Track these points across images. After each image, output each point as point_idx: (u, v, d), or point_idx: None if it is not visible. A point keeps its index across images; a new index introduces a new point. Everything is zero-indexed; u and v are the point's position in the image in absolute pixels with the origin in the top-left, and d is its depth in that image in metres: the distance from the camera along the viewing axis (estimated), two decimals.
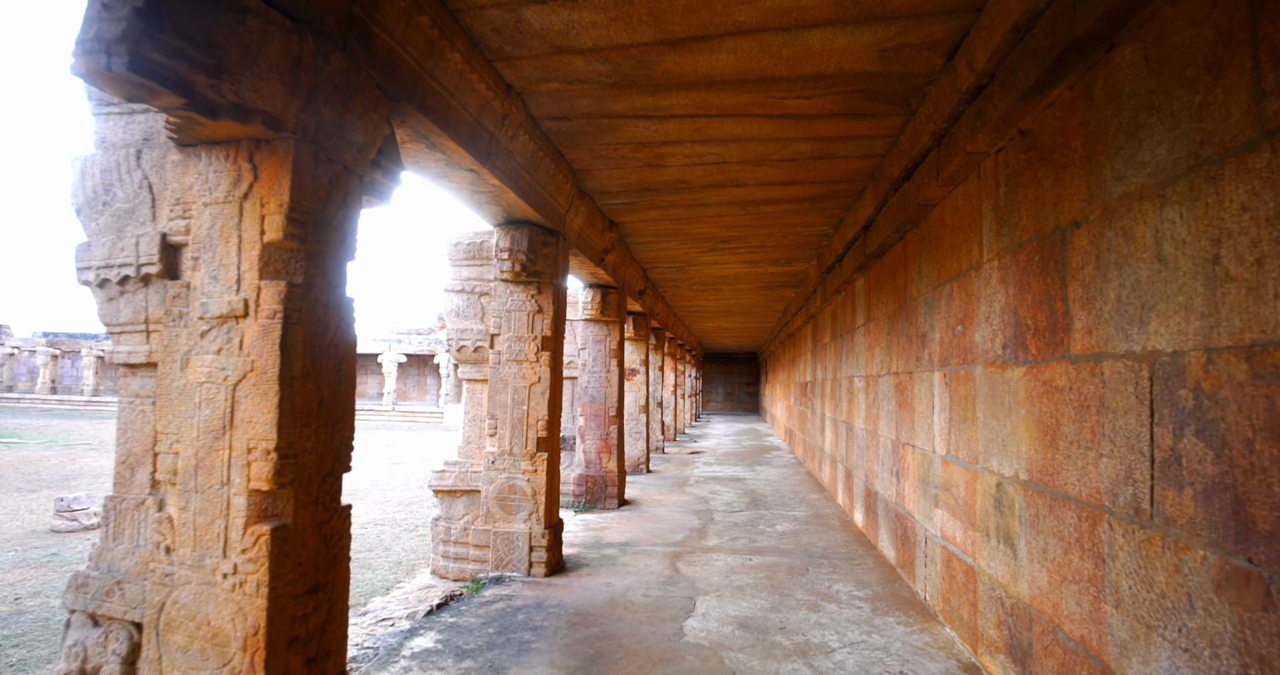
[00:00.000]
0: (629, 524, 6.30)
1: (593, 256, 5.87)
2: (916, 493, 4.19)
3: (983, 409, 3.09)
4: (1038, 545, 2.50)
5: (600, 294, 7.07)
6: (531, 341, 4.59)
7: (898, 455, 4.71)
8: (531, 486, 4.51)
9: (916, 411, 4.22)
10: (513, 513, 4.51)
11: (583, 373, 7.28)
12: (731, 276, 9.33)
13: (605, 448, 7.20)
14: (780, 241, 7.11)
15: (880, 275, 5.40)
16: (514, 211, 4.20)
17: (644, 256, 7.78)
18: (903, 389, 4.59)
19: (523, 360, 4.59)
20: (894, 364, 4.87)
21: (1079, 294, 2.24)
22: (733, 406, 32.21)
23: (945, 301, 3.68)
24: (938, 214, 3.85)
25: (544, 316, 4.61)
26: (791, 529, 6.09)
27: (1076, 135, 2.28)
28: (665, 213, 5.89)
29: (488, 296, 4.77)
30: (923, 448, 4.07)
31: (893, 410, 4.89)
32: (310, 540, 1.97)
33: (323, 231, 2.04)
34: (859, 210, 5.39)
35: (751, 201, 5.58)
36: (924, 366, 4.08)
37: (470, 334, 4.73)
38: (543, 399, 4.56)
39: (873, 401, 5.60)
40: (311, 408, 1.97)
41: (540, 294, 4.63)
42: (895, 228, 4.47)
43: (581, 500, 7.13)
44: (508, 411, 4.58)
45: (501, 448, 4.56)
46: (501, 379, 4.60)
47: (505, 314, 4.63)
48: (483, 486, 4.56)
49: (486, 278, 4.78)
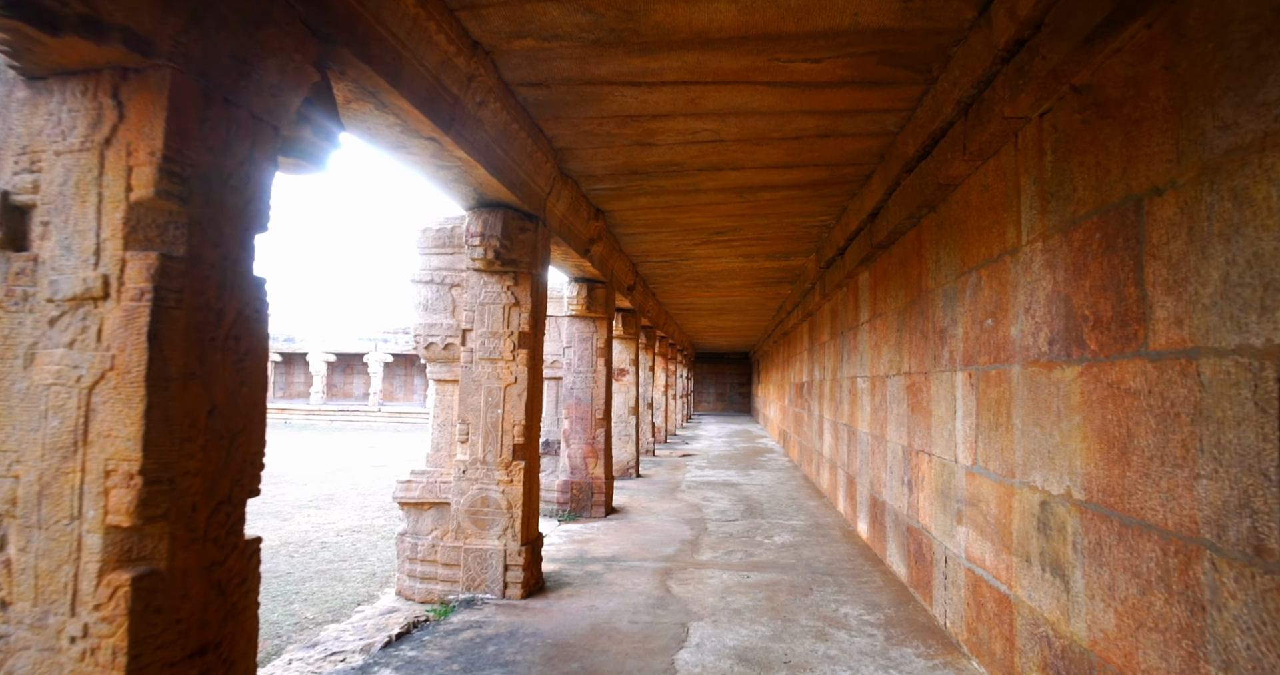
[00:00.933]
0: (616, 535, 5.87)
1: (577, 247, 5.43)
2: (934, 506, 3.78)
3: (1021, 414, 2.67)
4: (1101, 579, 2.09)
5: (586, 288, 6.63)
6: (507, 338, 4.15)
7: (910, 463, 4.30)
8: (507, 499, 4.07)
9: (934, 416, 3.80)
10: (486, 528, 4.07)
11: (567, 372, 6.84)
12: (725, 272, 8.92)
13: (591, 452, 6.76)
14: (778, 233, 6.69)
15: (889, 267, 5.00)
16: (486, 192, 3.75)
17: (633, 249, 7.35)
18: (916, 391, 4.18)
19: (497, 359, 4.15)
20: (905, 363, 4.45)
21: (1162, 276, 1.82)
22: (724, 407, 31.83)
23: (971, 292, 3.27)
24: (961, 194, 3.44)
25: (521, 310, 4.17)
26: (791, 540, 5.67)
27: (1157, 82, 1.87)
28: (656, 200, 5.46)
29: (459, 289, 4.32)
30: (942, 456, 3.65)
31: (903, 414, 4.47)
32: (195, 589, 1.52)
33: (216, 191, 1.60)
34: (865, 197, 4.98)
35: (749, 187, 5.16)
36: (943, 366, 3.67)
37: (439, 329, 4.28)
38: (519, 401, 4.12)
39: (879, 404, 5.19)
40: (197, 417, 1.53)
41: (517, 285, 4.18)
42: (908, 213, 4.06)
43: (566, 509, 6.69)
44: (480, 415, 4.13)
45: (473, 456, 4.12)
46: (473, 379, 4.16)
47: (478, 307, 4.18)
48: (453, 498, 4.11)
49: (458, 268, 4.33)
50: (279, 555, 8.11)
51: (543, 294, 4.44)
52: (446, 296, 4.31)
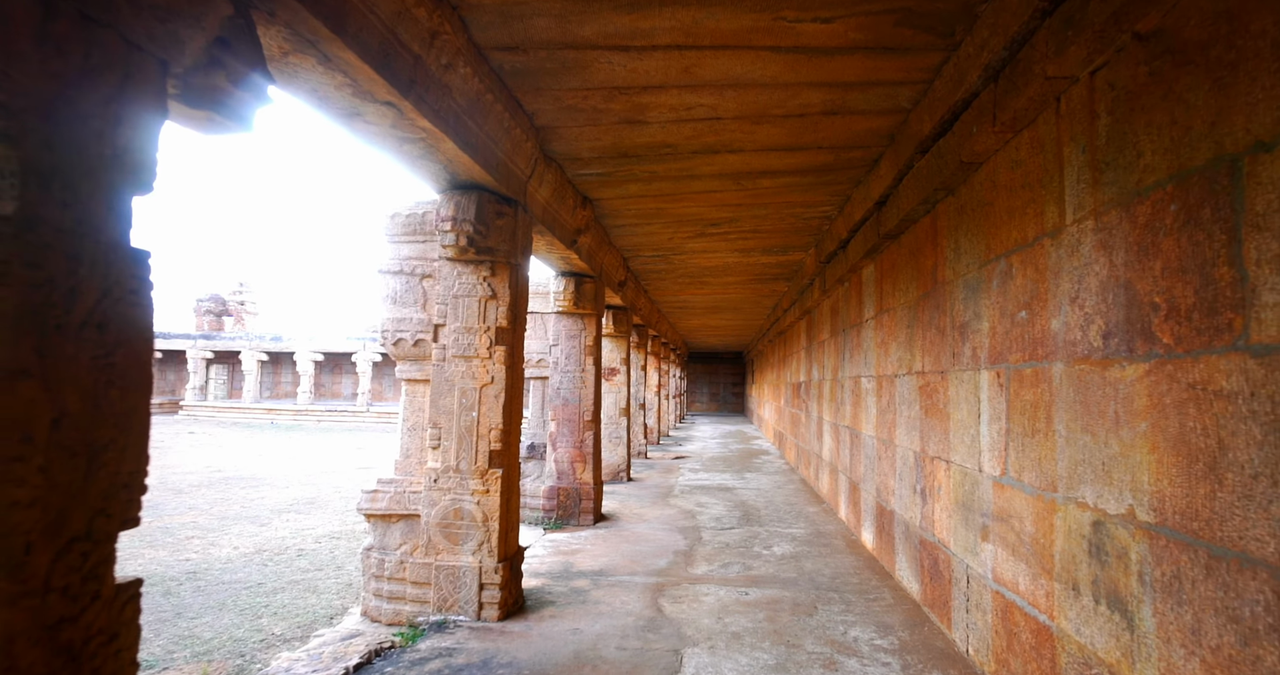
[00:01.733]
0: (605, 545, 5.50)
1: (563, 237, 5.06)
2: (953, 519, 3.43)
3: (1065, 420, 2.32)
4: (1180, 620, 1.73)
5: (574, 283, 6.26)
6: (483, 333, 3.77)
7: (923, 471, 3.95)
8: (482, 510, 3.70)
9: (953, 419, 3.45)
10: (459, 543, 3.69)
11: (554, 372, 6.47)
12: (721, 267, 8.56)
13: (579, 456, 6.40)
14: (776, 225, 6.34)
15: (898, 259, 4.65)
16: (459, 171, 3.37)
17: (624, 243, 6.98)
18: (931, 391, 3.83)
19: (472, 356, 3.77)
20: (918, 362, 4.11)
21: (1270, 251, 1.47)
22: (718, 407, 31.52)
23: (999, 282, 2.92)
24: (987, 172, 3.09)
25: (499, 303, 3.80)
26: (791, 551, 5.31)
27: (1260, 14, 1.51)
28: (647, 187, 5.09)
29: (431, 280, 3.94)
30: (963, 464, 3.30)
31: (915, 416, 4.12)
32: (27, 658, 1.14)
33: (66, 132, 1.22)
34: (872, 183, 4.64)
35: (747, 173, 4.80)
36: (964, 364, 3.32)
37: (409, 324, 3.90)
38: (496, 403, 3.75)
39: (886, 405, 4.84)
40: (32, 428, 1.15)
41: (494, 276, 3.81)
42: (922, 198, 3.71)
43: (552, 516, 6.32)
44: (453, 419, 3.76)
45: (446, 463, 3.74)
46: (446, 379, 3.78)
47: (451, 300, 3.81)
48: (423, 510, 3.73)
49: (430, 257, 3.95)
50: (252, 564, 7.70)
51: (523, 286, 4.07)
52: (417, 288, 3.93)
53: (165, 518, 9.89)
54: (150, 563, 7.34)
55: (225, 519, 9.75)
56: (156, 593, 6.09)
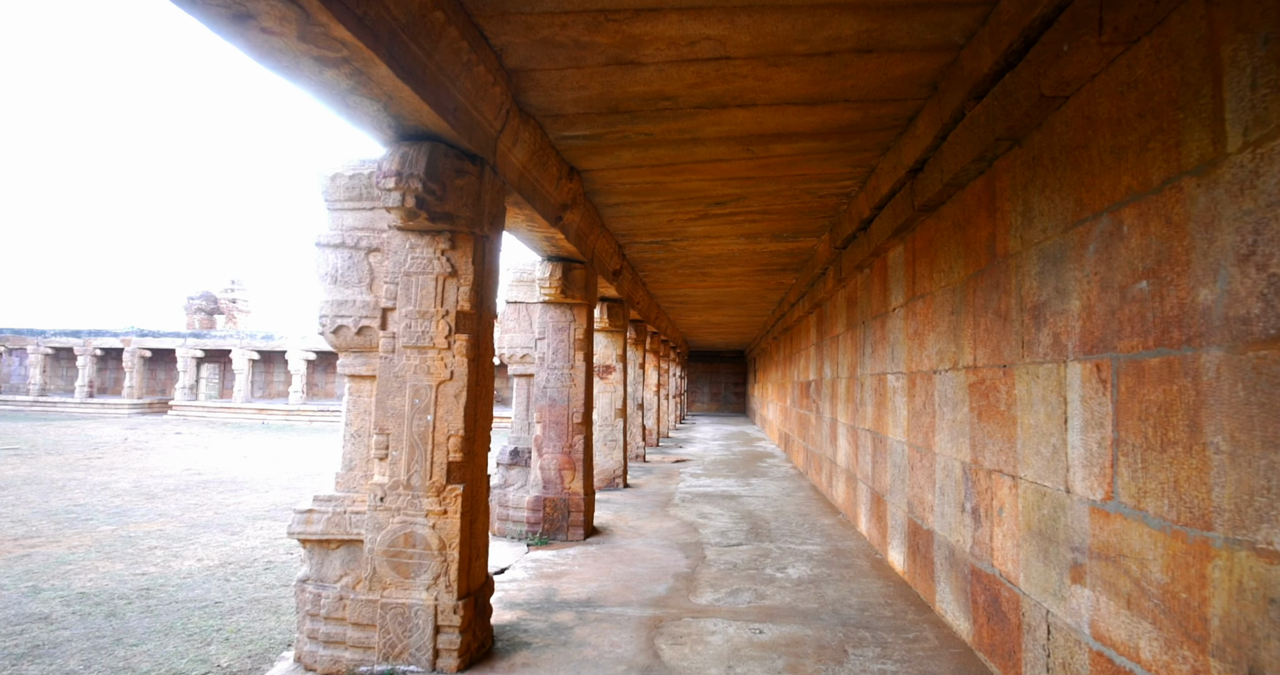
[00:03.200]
0: (595, 566, 4.82)
1: (546, 212, 4.38)
2: (1024, 549, 2.74)
3: (1228, 429, 1.64)
4: None
5: (561, 269, 5.57)
6: (440, 319, 3.09)
7: (974, 485, 3.27)
8: (439, 536, 3.01)
9: (1022, 424, 2.77)
10: (410, 575, 3.01)
11: (540, 369, 5.78)
12: (725, 256, 7.87)
13: (568, 463, 5.71)
14: (788, 205, 5.66)
15: (936, 235, 3.97)
16: (404, 113, 2.69)
17: (619, 225, 6.29)
18: (987, 390, 3.14)
19: (427, 347, 3.09)
20: (966, 354, 3.42)
21: None
22: (719, 407, 30.84)
23: (1099, 246, 2.23)
24: (1078, 107, 2.40)
25: (460, 282, 3.11)
26: (809, 574, 4.63)
27: None
28: (643, 154, 4.41)
29: (379, 255, 3.26)
30: (1038, 481, 2.62)
31: (963, 420, 3.44)
32: None
33: None
34: (905, 148, 3.96)
35: (760, 136, 4.11)
36: (1039, 355, 2.63)
37: (352, 308, 3.22)
38: (456, 404, 3.06)
39: (922, 407, 4.16)
40: None
41: (454, 249, 3.13)
42: (976, 154, 3.03)
43: (538, 530, 5.64)
44: (404, 423, 3.07)
45: (394, 477, 3.06)
46: (396, 375, 3.10)
47: (403, 278, 3.12)
48: (367, 535, 3.05)
49: (379, 228, 3.27)
50: (214, 579, 7.00)
51: (492, 263, 3.38)
52: (362, 265, 3.25)
53: (131, 525, 9.17)
54: (103, 578, 6.63)
55: (195, 526, 9.02)
56: (99, 614, 5.40)
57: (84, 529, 8.78)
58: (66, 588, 6.01)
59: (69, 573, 6.60)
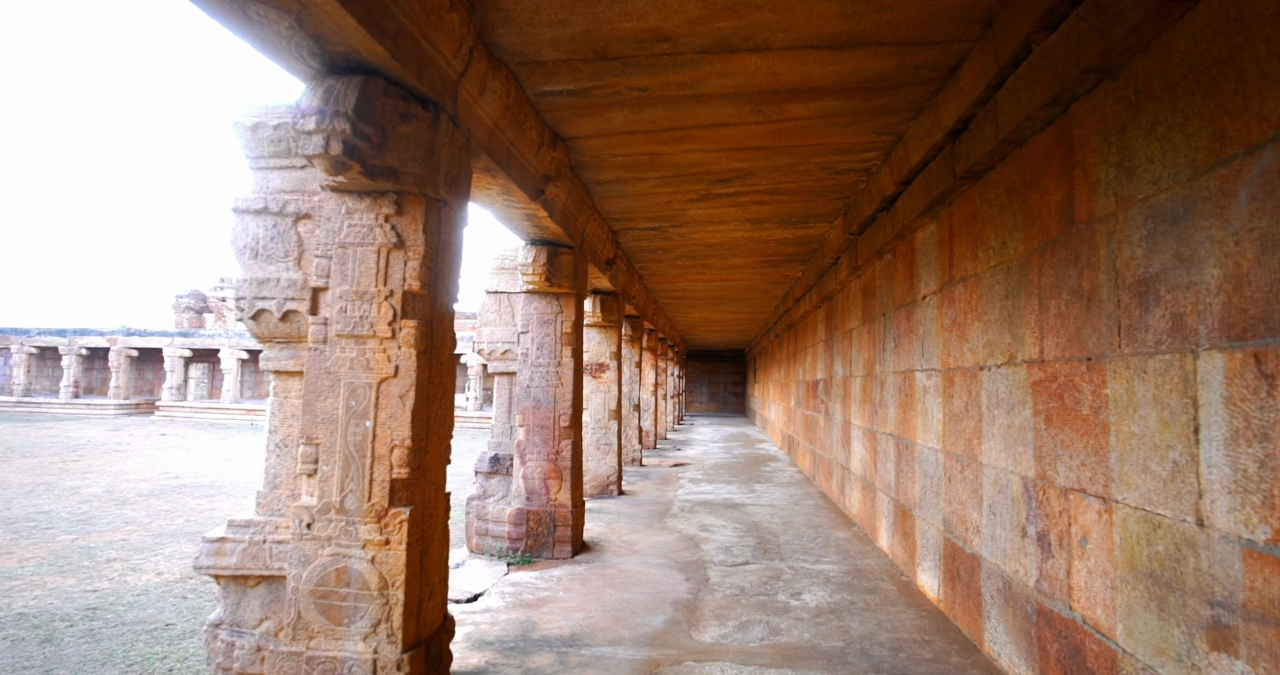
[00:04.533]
0: (583, 591, 4.21)
1: (525, 183, 3.77)
2: (1126, 595, 2.14)
3: None
4: None
5: (546, 253, 4.96)
6: (383, 301, 2.48)
7: (1041, 506, 2.67)
8: (379, 572, 2.40)
9: (1119, 432, 2.17)
10: (343, 621, 2.40)
11: (523, 366, 5.17)
12: (728, 245, 7.27)
13: (553, 471, 5.10)
14: (800, 182, 5.05)
15: (984, 205, 3.37)
16: (325, 34, 2.07)
17: (611, 208, 5.69)
18: (1062, 388, 2.54)
19: (366, 336, 2.48)
20: (1029, 346, 2.82)
21: None
22: (718, 407, 30.25)
23: (1260, 189, 1.63)
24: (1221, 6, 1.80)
25: (408, 256, 2.50)
26: (828, 600, 4.03)
27: None
28: (637, 116, 3.80)
29: (310, 222, 2.65)
30: (1148, 508, 2.02)
31: (1025, 425, 2.84)
32: None
33: None
34: (943, 106, 3.36)
35: (774, 92, 3.51)
36: (1146, 344, 2.03)
37: (275, 288, 2.61)
38: (402, 407, 2.45)
39: (963, 409, 3.56)
40: None
41: (401, 215, 2.52)
42: (1048, 97, 2.44)
43: (520, 547, 5.03)
44: (338, 431, 2.46)
45: (325, 498, 2.45)
46: (328, 370, 2.49)
47: (337, 251, 2.51)
48: (291, 570, 2.44)
49: (310, 190, 2.66)
50: (170, 596, 6.36)
51: (451, 235, 2.77)
52: (289, 235, 2.64)
53: (93, 535, 8.48)
54: (49, 595, 5.97)
55: (162, 536, 8.35)
56: (34, 639, 4.76)
57: (42, 539, 8.11)
58: (6, 608, 5.37)
59: (13, 590, 5.94)
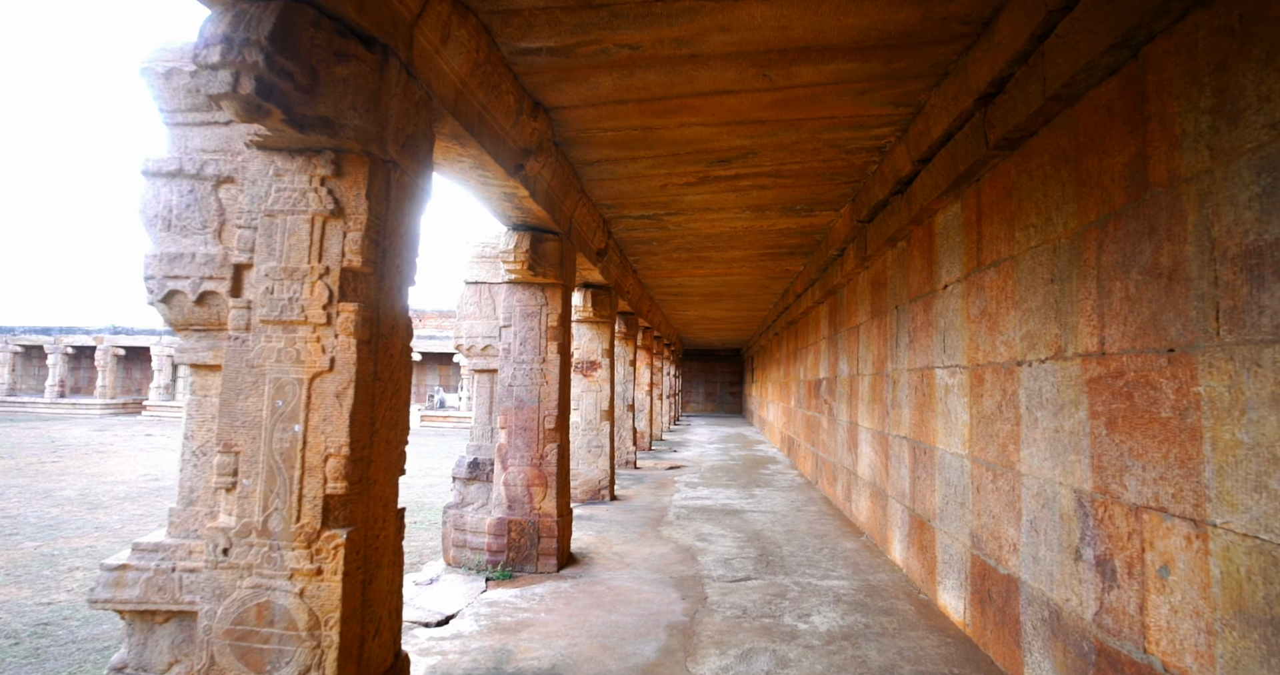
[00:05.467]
0: (567, 612, 3.78)
1: (502, 156, 3.34)
2: (1232, 644, 1.72)
3: None
4: None
5: (529, 239, 4.54)
6: (317, 281, 2.06)
7: (1105, 525, 2.26)
8: (309, 609, 1.98)
9: (1215, 440, 1.75)
10: (265, 667, 1.97)
11: (505, 362, 4.75)
12: (727, 236, 6.85)
13: (538, 478, 4.68)
14: (807, 163, 4.64)
15: (1023, 177, 2.96)
16: None
17: (601, 192, 5.27)
18: (1132, 385, 2.13)
19: (297, 322, 2.06)
20: (1085, 336, 2.41)
21: None
22: (715, 407, 29.84)
23: None
24: None
25: (349, 226, 2.08)
26: (840, 624, 3.61)
27: None
28: (628, 82, 3.38)
29: (233, 187, 2.22)
30: (1263, 536, 1.60)
31: (1078, 429, 2.43)
32: None
33: None
34: (973, 67, 2.96)
35: (783, 51, 3.10)
36: (1259, 330, 1.62)
37: (190, 265, 2.18)
38: (339, 408, 2.03)
39: (996, 409, 3.15)
40: None
41: (340, 177, 2.09)
42: (1115, 38, 2.03)
43: (500, 560, 4.60)
44: (261, 437, 2.04)
45: (245, 518, 2.02)
46: (250, 364, 2.06)
47: (263, 220, 2.09)
48: (203, 604, 2.02)
49: (235, 149, 2.23)
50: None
51: (404, 205, 2.34)
52: (209, 202, 2.22)
53: (60, 541, 7.99)
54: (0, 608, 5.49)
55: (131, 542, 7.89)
56: None
57: (4, 546, 7.65)
58: None
59: None
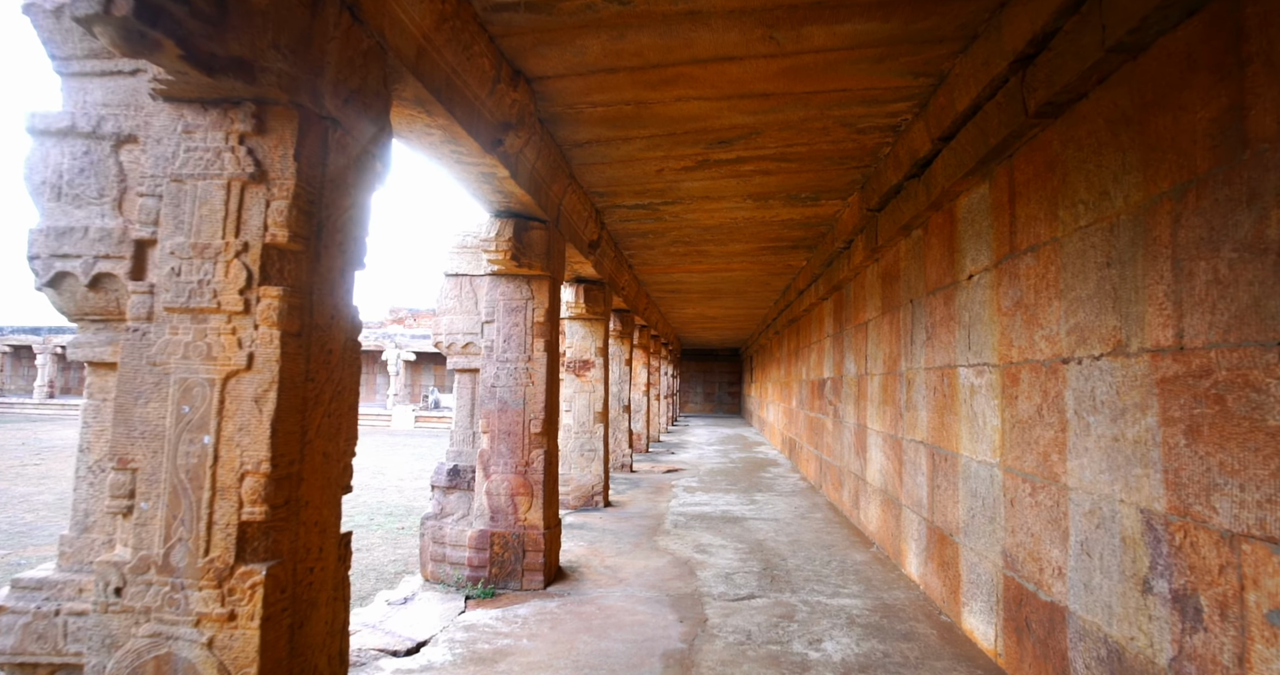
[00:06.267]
0: (552, 638, 3.41)
1: (477, 129, 2.97)
2: None
3: None
4: None
5: (513, 227, 4.16)
6: (232, 259, 1.68)
7: (1183, 555, 1.89)
8: (220, 662, 1.60)
9: None
10: None
11: (488, 361, 4.37)
12: (727, 227, 6.48)
13: (523, 486, 4.30)
14: (814, 144, 4.27)
15: (1068, 148, 2.59)
16: None
17: (593, 179, 4.90)
18: (1222, 389, 1.76)
19: (208, 310, 1.69)
20: (1156, 328, 2.05)
21: None
22: (713, 408, 29.47)
23: None
24: None
25: (272, 193, 1.71)
26: (855, 652, 3.24)
27: None
28: (618, 45, 3.01)
29: (138, 149, 1.85)
30: None
31: (1145, 437, 2.06)
32: None
33: None
34: (1009, 25, 2.60)
35: (795, 6, 2.73)
36: None
37: (82, 241, 1.80)
38: (258, 415, 1.66)
39: (1035, 414, 2.78)
40: None
41: (263, 134, 1.72)
42: None
43: (482, 576, 4.23)
44: (164, 450, 1.67)
45: (144, 550, 1.65)
46: (151, 361, 1.69)
47: (171, 187, 1.72)
48: (90, 656, 1.65)
49: (141, 104, 1.86)
50: None
51: (350, 169, 1.96)
52: (108, 165, 1.85)
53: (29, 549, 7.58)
54: None
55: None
56: None
57: None
58: None
59: None
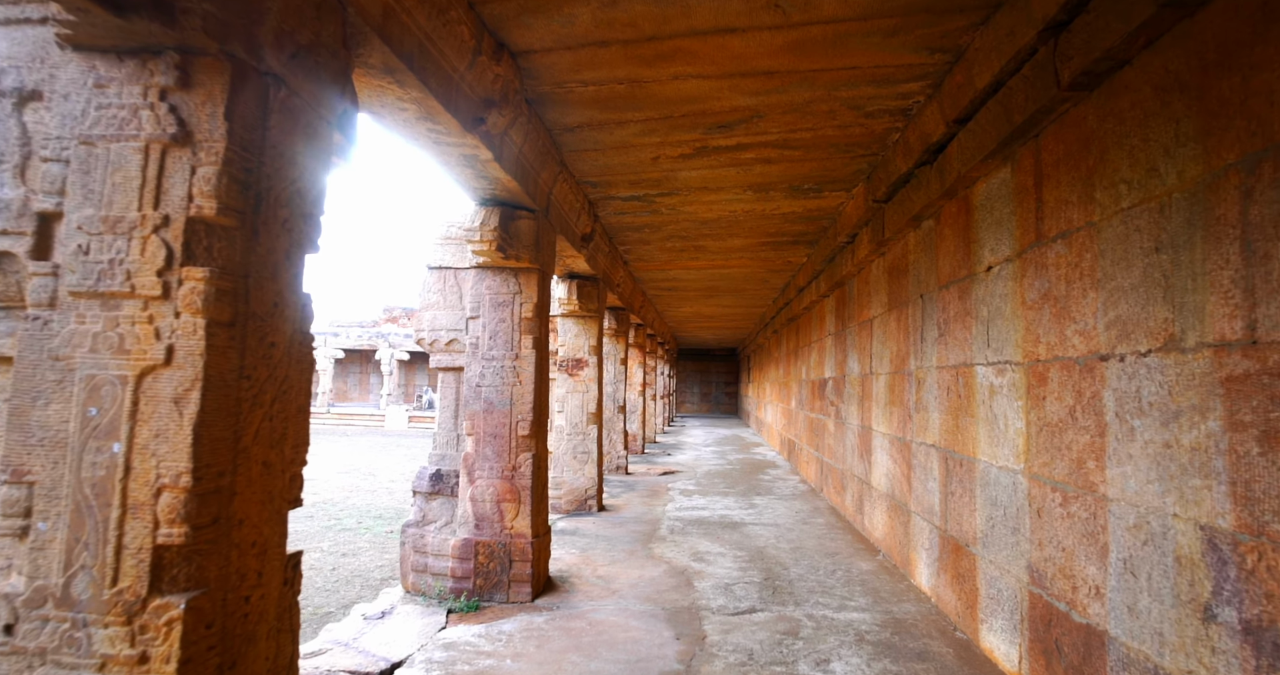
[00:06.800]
0: (539, 658, 3.15)
1: (455, 105, 2.71)
2: None
3: None
4: None
5: (499, 216, 3.91)
6: (150, 234, 1.43)
7: (1256, 579, 1.64)
8: None
9: None
10: None
11: (472, 359, 4.12)
12: (726, 221, 6.24)
13: (509, 492, 4.05)
14: (819, 129, 4.03)
15: (1104, 125, 2.34)
16: None
17: (585, 167, 4.64)
18: None
19: (120, 294, 1.43)
20: (1217, 320, 1.80)
21: None
22: (710, 408, 29.25)
23: None
24: None
25: (199, 158, 1.45)
26: (865, 673, 2.99)
27: None
28: (610, 12, 2.75)
29: (43, 107, 1.59)
30: None
31: (1205, 444, 1.81)
32: None
33: None
34: None
35: None
36: None
37: None
38: (178, 418, 1.40)
39: (1067, 417, 2.54)
40: None
41: (186, 89, 1.46)
42: None
43: (466, 588, 3.97)
44: (65, 460, 1.41)
45: (40, 579, 1.39)
46: (54, 355, 1.43)
47: (78, 149, 1.46)
48: None
49: (49, 57, 1.60)
50: None
51: (296, 133, 1.71)
52: (9, 127, 1.57)
53: None
54: None
55: None
56: None
57: None
58: None
59: None
